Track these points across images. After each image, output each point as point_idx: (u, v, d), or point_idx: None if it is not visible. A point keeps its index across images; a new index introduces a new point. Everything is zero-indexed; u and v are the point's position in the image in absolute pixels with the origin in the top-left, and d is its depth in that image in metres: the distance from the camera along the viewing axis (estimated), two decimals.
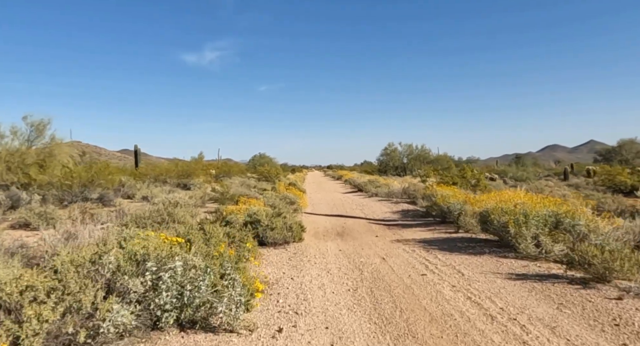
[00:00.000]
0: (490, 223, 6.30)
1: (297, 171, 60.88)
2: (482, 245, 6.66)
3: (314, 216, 11.66)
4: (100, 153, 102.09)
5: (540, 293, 4.04)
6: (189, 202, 12.08)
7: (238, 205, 9.38)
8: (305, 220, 10.95)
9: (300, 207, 11.18)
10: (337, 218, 11.20)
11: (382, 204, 14.47)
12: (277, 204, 10.53)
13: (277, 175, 26.80)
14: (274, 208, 10.38)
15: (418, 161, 49.46)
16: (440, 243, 7.17)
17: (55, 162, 17.03)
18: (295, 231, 7.77)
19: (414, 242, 7.46)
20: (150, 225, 8.10)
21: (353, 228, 9.59)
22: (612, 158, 52.88)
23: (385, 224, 10.12)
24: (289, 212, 10.74)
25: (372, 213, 12.05)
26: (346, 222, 10.56)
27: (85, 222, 10.52)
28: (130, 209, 10.65)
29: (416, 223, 9.95)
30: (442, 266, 5.38)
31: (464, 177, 13.27)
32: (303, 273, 5.33)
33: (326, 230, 9.42)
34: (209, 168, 35.64)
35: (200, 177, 25.52)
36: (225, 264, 3.55)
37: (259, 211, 8.13)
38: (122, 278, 2.95)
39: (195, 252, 3.74)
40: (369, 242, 7.76)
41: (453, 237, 7.78)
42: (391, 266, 5.54)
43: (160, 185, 22.79)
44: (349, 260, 6.09)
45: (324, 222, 10.56)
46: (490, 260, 5.59)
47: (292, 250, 7.02)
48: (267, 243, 7.34)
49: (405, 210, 12.52)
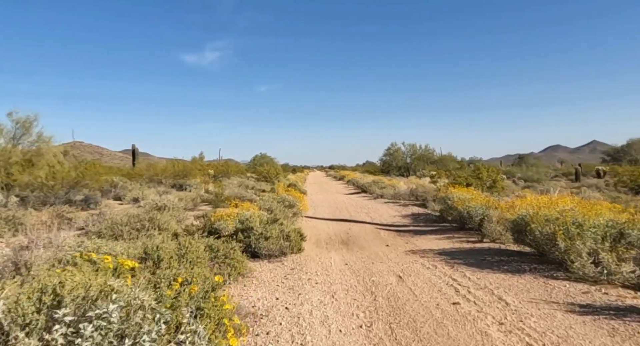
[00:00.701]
0: (529, 234, 5.20)
1: (298, 171, 59.78)
2: (517, 259, 5.55)
3: (316, 221, 10.57)
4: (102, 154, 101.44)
5: (629, 341, 2.93)
6: (178, 204, 11.00)
7: (231, 208, 8.30)
8: (306, 225, 9.86)
9: (300, 211, 10.10)
10: (340, 223, 10.11)
11: (389, 207, 13.36)
12: (275, 208, 9.45)
13: (276, 175, 25.71)
14: (271, 212, 9.30)
15: (422, 161, 48.31)
16: (465, 255, 6.07)
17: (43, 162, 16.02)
18: (293, 240, 6.69)
19: (433, 253, 6.35)
20: (128, 232, 7.04)
21: (359, 236, 8.49)
22: (621, 158, 51.57)
23: (395, 230, 9.02)
24: (287, 217, 9.65)
25: (379, 218, 10.94)
26: (351, 228, 9.46)
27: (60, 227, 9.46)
28: (115, 212, 9.59)
29: (430, 230, 8.84)
30: (477, 290, 4.27)
31: (479, 178, 12.19)
32: (301, 298, 4.24)
33: (329, 238, 8.32)
34: (207, 168, 34.65)
35: (197, 178, 24.49)
36: (186, 303, 2.45)
37: (251, 217, 7.05)
38: (12, 337, 1.87)
39: (146, 283, 2.65)
40: (379, 252, 6.66)
41: (477, 247, 6.66)
42: (411, 289, 4.44)
43: (154, 186, 21.76)
44: (357, 279, 5.00)
45: (327, 228, 9.47)
46: (536, 281, 4.48)
47: (290, 264, 5.93)
48: (261, 255, 6.26)
49: (415, 214, 11.40)
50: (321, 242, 7.88)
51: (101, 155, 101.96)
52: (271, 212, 9.26)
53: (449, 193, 9.73)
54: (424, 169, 39.59)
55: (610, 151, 55.34)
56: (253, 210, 7.76)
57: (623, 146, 52.61)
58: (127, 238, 6.83)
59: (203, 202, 13.92)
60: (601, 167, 44.11)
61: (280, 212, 9.31)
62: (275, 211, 9.26)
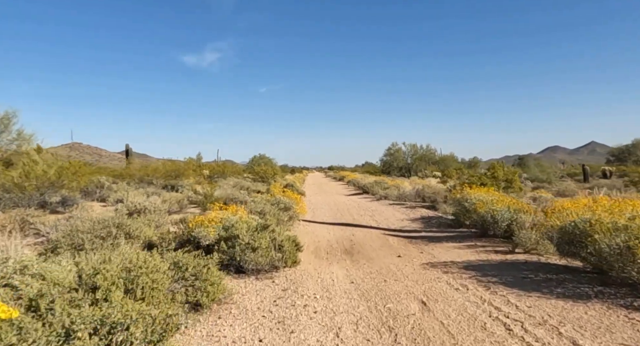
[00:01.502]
0: (588, 246, 4.05)
1: (297, 172, 58.66)
2: (569, 278, 4.39)
3: (315, 225, 9.41)
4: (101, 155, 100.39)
5: None
6: (160, 207, 9.84)
7: (214, 212, 7.13)
8: (303, 230, 8.71)
9: (296, 214, 8.94)
10: (342, 228, 8.95)
11: (394, 209, 12.21)
12: (268, 211, 8.29)
13: (273, 175, 24.55)
14: (263, 216, 8.15)
15: (423, 161, 47.29)
16: (498, 271, 4.92)
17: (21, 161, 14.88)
18: (287, 251, 5.53)
19: (457, 267, 5.21)
20: (90, 241, 5.88)
21: (365, 243, 7.34)
22: (626, 158, 50.58)
23: (406, 236, 7.88)
24: (283, 222, 8.49)
25: (386, 221, 9.79)
26: (355, 234, 8.31)
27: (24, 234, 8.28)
28: (89, 216, 8.42)
29: (446, 236, 7.70)
30: (536, 328, 3.12)
31: (494, 177, 11.07)
32: (294, 340, 3.08)
33: (330, 246, 7.17)
34: (202, 168, 33.46)
35: (190, 179, 23.33)
36: None
37: (238, 222, 5.89)
38: None
39: None
40: (390, 266, 5.51)
41: (510, 260, 5.52)
42: (443, 324, 3.29)
43: (145, 186, 20.59)
44: (368, 305, 3.85)
45: (327, 233, 8.31)
46: (613, 314, 3.33)
47: (282, 282, 4.78)
48: (247, 270, 5.11)
49: (425, 217, 10.25)
50: (321, 251, 6.72)
51: (100, 156, 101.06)
52: (263, 216, 8.11)
53: (465, 194, 8.58)
54: (426, 169, 38.50)
55: (615, 151, 54.27)
56: (241, 214, 6.61)
57: (628, 146, 51.58)
58: (89, 248, 5.68)
59: (192, 204, 12.75)
60: (607, 167, 43.09)
61: (272, 216, 8.16)
62: (267, 215, 8.11)
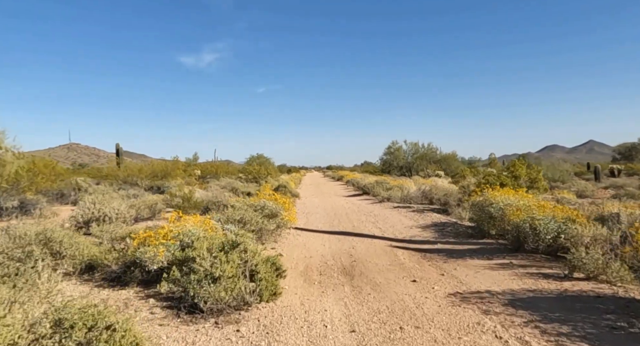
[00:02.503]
0: None
1: (294, 171, 57.13)
2: None
3: (308, 235, 7.90)
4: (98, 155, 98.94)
5: None
6: (125, 213, 8.32)
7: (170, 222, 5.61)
8: (293, 241, 7.20)
9: (285, 222, 7.42)
10: (341, 238, 7.45)
11: (400, 214, 10.70)
12: (249, 219, 6.77)
13: (267, 175, 23.02)
14: (243, 225, 6.64)
15: (424, 160, 45.85)
16: (565, 312, 3.42)
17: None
18: (264, 279, 4.02)
19: (500, 303, 3.71)
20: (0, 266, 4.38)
21: (368, 259, 5.85)
22: (634, 156, 49.23)
23: (418, 249, 6.38)
24: (268, 232, 6.99)
25: (392, 229, 8.29)
26: (355, 246, 6.81)
27: None
28: (46, 223, 6.91)
29: (468, 250, 6.20)
30: None
31: (515, 177, 9.60)
32: None
33: (324, 263, 5.68)
34: (193, 168, 31.90)
35: (177, 179, 21.80)
36: None
37: (198, 240, 4.37)
38: None
39: None
40: (405, 298, 4.01)
41: (572, 290, 4.01)
42: None
43: (127, 188, 19.04)
44: None
45: (321, 246, 6.81)
46: None
47: (250, 333, 3.27)
48: (205, 310, 3.60)
49: (437, 224, 8.76)
50: (312, 272, 5.22)
51: (98, 157, 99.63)
52: (243, 225, 6.60)
53: (487, 197, 7.09)
54: (428, 169, 37.01)
55: (621, 149, 52.94)
56: (206, 225, 5.09)
57: (635, 144, 50.26)
58: None
59: (171, 208, 11.18)
60: (615, 165, 41.68)
61: (255, 225, 6.65)
62: (248, 224, 6.59)
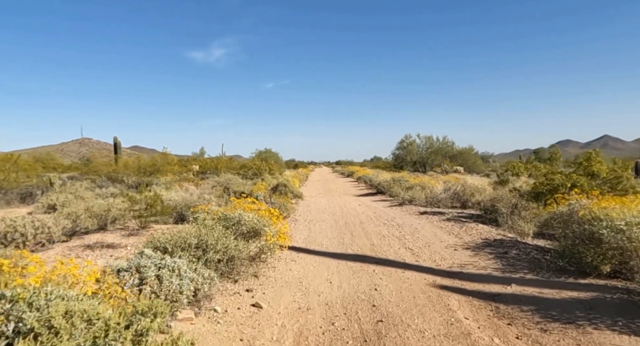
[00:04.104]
0: None
1: (301, 167, 54.71)
2: None
3: (307, 259, 5.41)
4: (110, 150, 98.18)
5: None
6: (53, 227, 5.91)
7: None
8: (285, 275, 4.71)
9: (272, 246, 4.91)
10: (355, 268, 4.96)
11: (432, 223, 8.15)
12: (212, 245, 4.28)
13: (269, 171, 20.59)
14: (203, 252, 4.19)
15: (439, 155, 43.08)
16: None
17: None
18: None
19: None
20: None
21: (404, 320, 3.38)
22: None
23: (483, 294, 3.88)
24: (244, 262, 4.54)
25: (429, 251, 5.77)
26: (380, 285, 4.33)
27: None
28: None
29: (574, 302, 3.67)
30: None
31: (591, 175, 7.03)
32: None
33: (330, 325, 3.25)
34: (192, 163, 29.64)
35: (168, 175, 19.54)
36: None
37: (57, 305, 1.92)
38: None
39: None
40: None
41: None
42: None
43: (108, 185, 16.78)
44: None
45: (327, 284, 4.33)
46: None
47: None
48: None
49: (492, 242, 6.20)
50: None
51: (109, 152, 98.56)
52: (203, 253, 4.14)
53: (596, 211, 4.50)
54: (446, 164, 34.20)
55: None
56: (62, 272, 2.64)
57: None
58: None
59: (143, 217, 8.75)
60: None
61: (219, 252, 4.22)
62: (212, 251, 4.13)
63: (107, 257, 5.38)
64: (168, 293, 3.31)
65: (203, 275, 3.77)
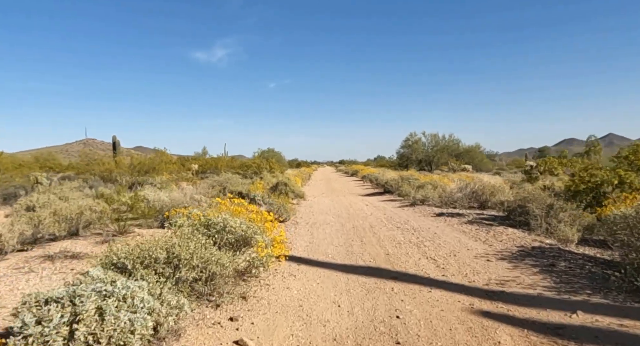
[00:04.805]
0: None
1: (304, 166, 53.79)
2: None
3: (309, 273, 4.43)
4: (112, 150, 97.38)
5: None
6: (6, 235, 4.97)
7: None
8: (280, 296, 3.66)
9: (265, 258, 3.94)
10: (369, 285, 3.98)
11: (452, 227, 7.16)
12: (185, 258, 3.32)
13: (270, 169, 19.64)
14: (174, 269, 3.23)
15: (445, 153, 41.98)
16: None
17: None
18: None
19: None
20: None
21: None
22: None
23: (539, 325, 2.88)
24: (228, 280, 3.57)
25: (456, 262, 4.78)
26: (402, 310, 3.35)
27: None
28: None
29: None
30: None
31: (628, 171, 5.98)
32: None
33: None
34: (192, 162, 28.72)
35: (163, 175, 18.64)
36: None
37: None
38: None
39: None
40: None
41: None
42: None
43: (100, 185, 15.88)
44: None
45: (334, 309, 3.34)
46: None
47: None
48: None
49: (529, 251, 5.20)
50: None
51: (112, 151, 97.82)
52: (174, 271, 3.17)
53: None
54: (453, 162, 33.06)
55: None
56: None
57: None
58: None
59: (122, 220, 7.80)
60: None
61: (197, 269, 3.24)
62: (186, 267, 3.17)
63: (67, 271, 4.43)
64: (112, 335, 2.35)
65: (169, 302, 2.81)
